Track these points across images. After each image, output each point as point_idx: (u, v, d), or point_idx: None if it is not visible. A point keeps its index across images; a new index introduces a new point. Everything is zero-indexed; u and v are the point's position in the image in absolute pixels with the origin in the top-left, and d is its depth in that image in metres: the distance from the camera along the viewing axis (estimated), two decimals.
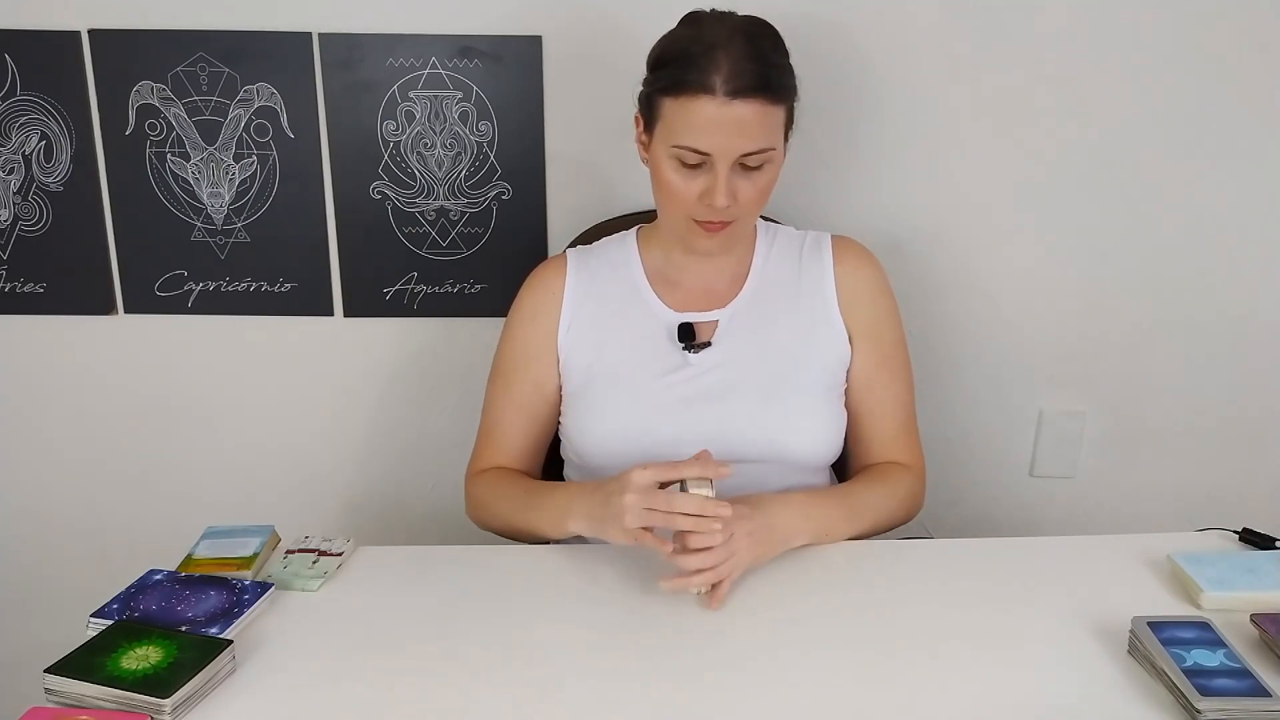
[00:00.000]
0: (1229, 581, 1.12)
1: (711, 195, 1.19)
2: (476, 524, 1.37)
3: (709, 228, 1.23)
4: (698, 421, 1.27)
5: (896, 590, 1.16)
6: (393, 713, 0.97)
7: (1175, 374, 1.73)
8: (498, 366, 1.39)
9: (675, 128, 1.18)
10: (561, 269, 1.36)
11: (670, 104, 1.19)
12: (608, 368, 1.31)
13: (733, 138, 1.17)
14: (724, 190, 1.18)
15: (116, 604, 1.09)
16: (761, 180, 1.21)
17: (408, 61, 1.56)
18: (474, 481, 1.37)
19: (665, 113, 1.20)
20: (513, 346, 1.37)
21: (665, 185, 1.22)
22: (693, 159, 1.19)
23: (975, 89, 1.59)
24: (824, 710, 0.97)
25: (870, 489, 1.31)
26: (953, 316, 1.70)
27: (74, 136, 1.60)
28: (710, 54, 1.16)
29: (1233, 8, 1.55)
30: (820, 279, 1.34)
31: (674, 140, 1.19)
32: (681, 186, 1.21)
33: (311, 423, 1.74)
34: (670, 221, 1.28)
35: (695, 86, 1.16)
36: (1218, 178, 1.63)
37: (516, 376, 1.36)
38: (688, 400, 1.28)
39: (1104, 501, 1.79)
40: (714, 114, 1.15)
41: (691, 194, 1.21)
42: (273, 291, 1.66)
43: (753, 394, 1.28)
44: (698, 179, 1.20)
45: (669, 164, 1.21)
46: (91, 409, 1.73)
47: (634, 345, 1.31)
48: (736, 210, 1.21)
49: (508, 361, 1.37)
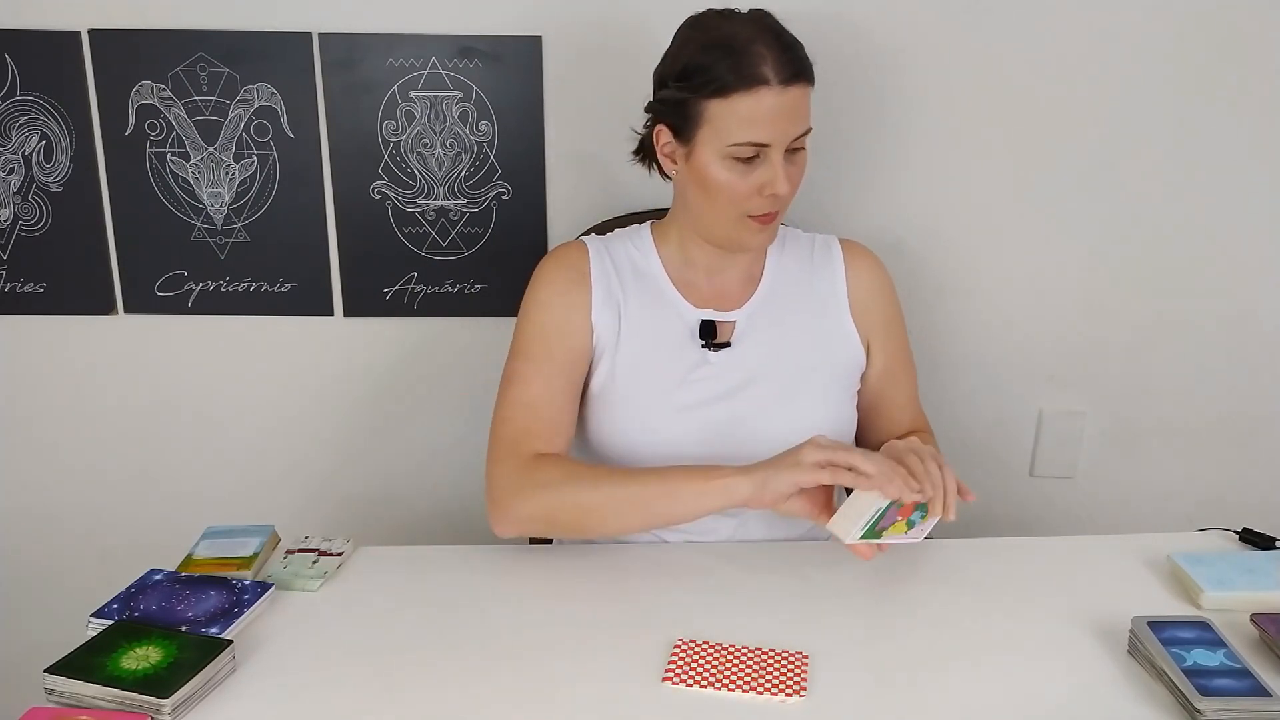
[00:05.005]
0: (1229, 581, 1.12)
1: (774, 184, 1.20)
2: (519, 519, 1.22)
3: (763, 220, 1.24)
4: (717, 420, 1.28)
5: (896, 590, 1.16)
6: (393, 713, 0.97)
7: (1175, 374, 1.73)
8: (528, 343, 1.30)
9: (729, 126, 1.19)
10: (584, 253, 1.34)
11: (719, 105, 1.19)
12: (629, 362, 1.30)
13: (789, 123, 1.19)
14: (784, 176, 1.20)
15: (116, 604, 1.09)
16: (801, 163, 1.24)
17: (408, 61, 1.56)
18: (533, 468, 1.23)
19: (713, 115, 1.19)
20: (545, 314, 1.30)
21: (717, 187, 1.22)
22: (750, 153, 1.20)
23: (976, 89, 1.59)
24: (824, 710, 0.97)
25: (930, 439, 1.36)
26: (953, 316, 1.70)
27: (74, 136, 1.60)
28: (751, 48, 1.17)
29: (1234, 8, 1.55)
30: (832, 281, 1.36)
31: (730, 139, 1.19)
32: (738, 184, 1.21)
33: (311, 423, 1.74)
34: (718, 223, 1.27)
35: (749, 81, 1.17)
36: (1218, 178, 1.63)
37: (557, 344, 1.28)
38: (707, 400, 1.29)
39: (1104, 501, 1.79)
40: (772, 104, 1.17)
41: (748, 190, 1.21)
42: (273, 291, 1.66)
43: (769, 394, 1.29)
44: (753, 174, 1.21)
45: (721, 165, 1.21)
46: (91, 409, 1.73)
47: (655, 341, 1.31)
48: (788, 195, 1.23)
49: (544, 331, 1.29)
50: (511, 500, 1.22)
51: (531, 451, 1.24)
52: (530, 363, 1.29)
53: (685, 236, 1.33)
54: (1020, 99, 1.59)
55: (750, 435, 1.27)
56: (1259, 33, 1.56)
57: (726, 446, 1.27)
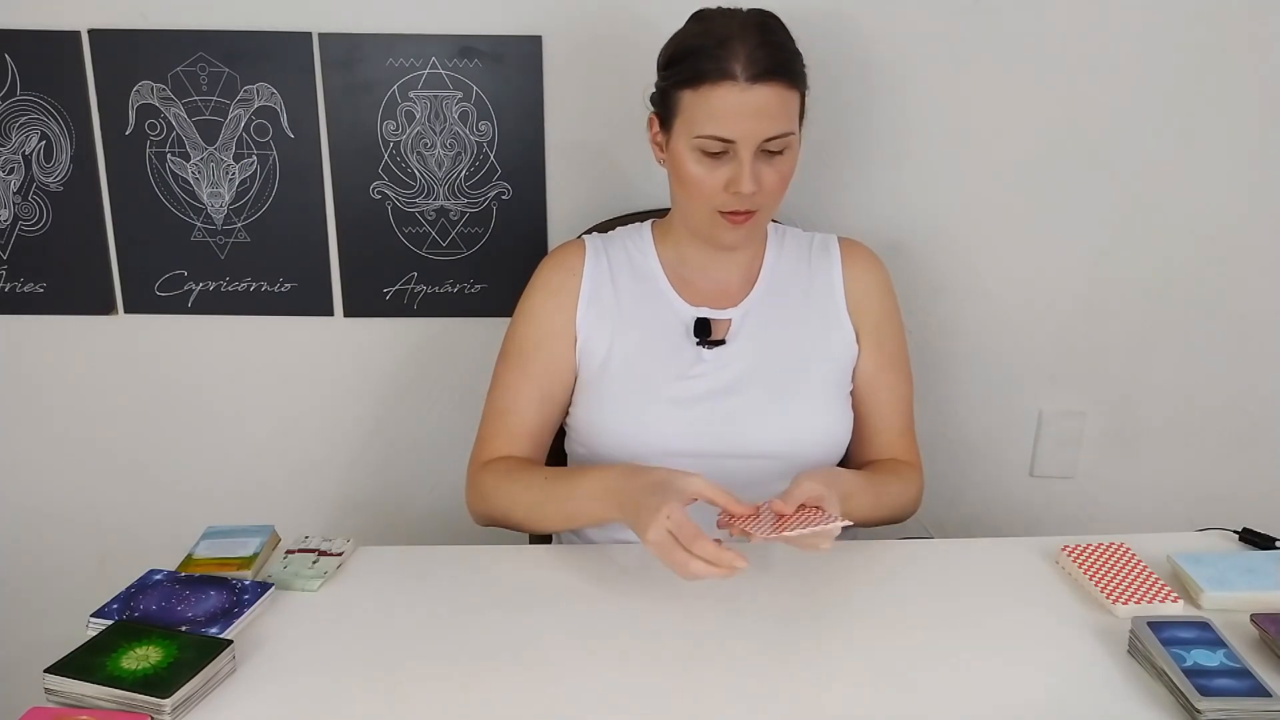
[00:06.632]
0: (1229, 581, 1.12)
1: (738, 182, 1.20)
2: (480, 516, 1.33)
3: (734, 219, 1.24)
4: (710, 418, 1.28)
5: (897, 591, 1.16)
6: (392, 712, 0.97)
7: (1175, 374, 1.73)
8: (511, 347, 1.35)
9: (697, 118, 1.19)
10: (580, 251, 1.36)
11: (690, 96, 1.20)
12: (623, 359, 1.31)
13: (755, 122, 1.18)
14: (749, 175, 1.19)
15: (116, 604, 1.09)
16: (783, 166, 1.23)
17: (408, 61, 1.56)
18: (484, 471, 1.31)
19: (684, 106, 1.21)
20: (530, 324, 1.34)
21: (688, 179, 1.23)
22: (716, 148, 1.20)
23: (976, 89, 1.59)
24: (824, 710, 0.97)
25: (891, 481, 1.33)
26: (953, 316, 1.70)
27: (74, 136, 1.60)
28: (726, 43, 1.17)
29: (1234, 8, 1.55)
30: (830, 280, 1.36)
31: (696, 131, 1.20)
32: (705, 178, 1.22)
33: (311, 423, 1.74)
34: (693, 217, 1.28)
35: (715, 75, 1.17)
36: (1218, 178, 1.63)
37: (534, 355, 1.33)
38: (701, 396, 1.29)
39: (1104, 501, 1.79)
40: (736, 100, 1.17)
41: (716, 185, 1.22)
42: (273, 291, 1.66)
43: (765, 391, 1.29)
44: (721, 169, 1.21)
45: (691, 157, 1.22)
46: (91, 409, 1.73)
47: (649, 337, 1.31)
48: (760, 198, 1.22)
49: (524, 340, 1.34)
50: (470, 502, 1.33)
51: (492, 455, 1.32)
52: (508, 371, 1.35)
53: (681, 233, 1.33)
54: (1020, 99, 1.59)
55: (743, 432, 1.28)
56: (1259, 33, 1.56)
57: (719, 443, 1.27)
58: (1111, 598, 1.11)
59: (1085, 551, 1.19)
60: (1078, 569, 1.16)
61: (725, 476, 1.13)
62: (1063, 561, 1.19)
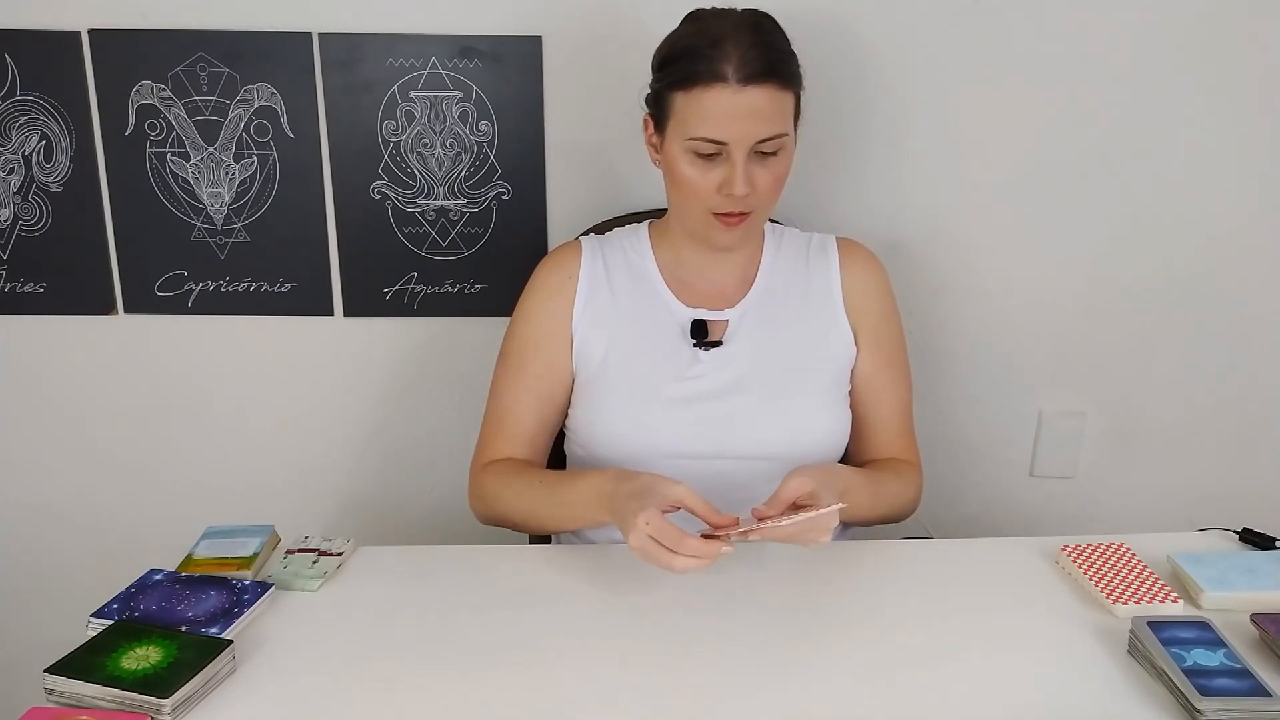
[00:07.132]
0: (1229, 581, 1.12)
1: (731, 184, 1.19)
2: (482, 517, 1.34)
3: (728, 221, 1.23)
4: (707, 419, 1.28)
5: (897, 590, 1.16)
6: (392, 712, 0.97)
7: (1175, 374, 1.73)
8: (509, 350, 1.36)
9: (689, 120, 1.19)
10: (577, 253, 1.36)
11: (682, 98, 1.19)
12: (620, 360, 1.31)
13: (747, 124, 1.18)
14: (742, 177, 1.19)
15: (116, 604, 1.09)
16: (777, 168, 1.22)
17: (408, 61, 1.56)
18: (484, 473, 1.32)
19: (677, 108, 1.20)
20: (526, 327, 1.34)
21: (682, 180, 1.23)
22: (708, 149, 1.19)
23: (975, 89, 1.59)
24: (823, 710, 0.97)
25: (889, 479, 1.33)
26: (953, 316, 1.70)
27: (74, 136, 1.60)
28: (719, 45, 1.17)
29: (1234, 8, 1.55)
30: (827, 280, 1.35)
31: (689, 133, 1.19)
32: (699, 180, 1.21)
33: (311, 423, 1.74)
34: (688, 218, 1.28)
35: (707, 76, 1.17)
36: (1218, 178, 1.63)
37: (531, 357, 1.33)
38: (698, 397, 1.29)
39: (1104, 501, 1.79)
40: (728, 102, 1.17)
41: (709, 186, 1.21)
42: (273, 291, 1.66)
43: (762, 392, 1.29)
44: (714, 171, 1.21)
45: (685, 158, 1.21)
46: (91, 409, 1.73)
47: (646, 339, 1.31)
48: (754, 200, 1.22)
49: (521, 342, 1.35)
50: (472, 503, 1.35)
51: (492, 457, 1.33)
52: (506, 373, 1.36)
53: (678, 235, 1.33)
54: (1020, 99, 1.59)
55: (741, 433, 1.28)
56: (1259, 32, 1.56)
57: (717, 444, 1.27)
58: (1111, 598, 1.11)
59: (1085, 551, 1.19)
60: (1078, 569, 1.16)
61: (723, 478, 1.13)
62: (1063, 561, 1.19)
